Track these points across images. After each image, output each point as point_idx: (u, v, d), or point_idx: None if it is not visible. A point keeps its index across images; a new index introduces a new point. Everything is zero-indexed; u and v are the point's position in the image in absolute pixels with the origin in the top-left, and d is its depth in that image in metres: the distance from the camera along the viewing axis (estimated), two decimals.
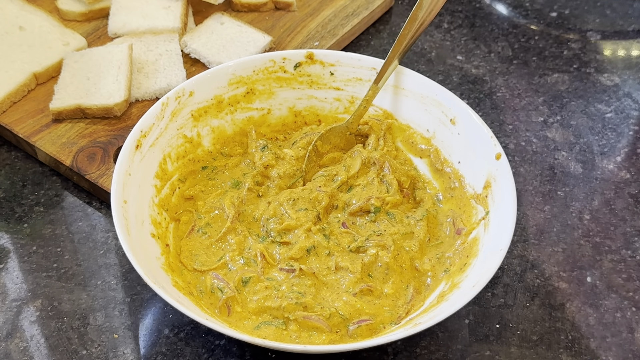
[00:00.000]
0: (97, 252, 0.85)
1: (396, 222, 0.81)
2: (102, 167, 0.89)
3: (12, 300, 0.80)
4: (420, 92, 0.88)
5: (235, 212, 0.82)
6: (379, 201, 0.82)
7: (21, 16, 1.06)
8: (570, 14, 1.21)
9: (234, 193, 0.84)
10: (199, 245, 0.80)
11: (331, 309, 0.73)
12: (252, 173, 0.85)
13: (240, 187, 0.85)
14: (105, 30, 1.08)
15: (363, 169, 0.86)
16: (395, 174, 0.85)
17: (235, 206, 0.82)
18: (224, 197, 0.83)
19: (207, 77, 0.87)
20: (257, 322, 0.74)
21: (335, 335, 0.73)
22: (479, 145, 0.82)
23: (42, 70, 0.99)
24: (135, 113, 0.97)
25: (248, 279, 0.76)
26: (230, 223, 0.81)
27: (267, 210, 0.82)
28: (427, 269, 0.79)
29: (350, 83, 0.91)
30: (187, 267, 0.78)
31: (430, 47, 1.14)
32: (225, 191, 0.85)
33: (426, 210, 0.84)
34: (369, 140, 0.89)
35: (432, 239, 0.82)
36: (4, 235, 0.86)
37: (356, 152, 0.87)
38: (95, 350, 0.76)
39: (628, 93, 1.07)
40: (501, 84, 1.08)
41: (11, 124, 0.94)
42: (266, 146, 0.87)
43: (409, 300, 0.76)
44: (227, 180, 0.86)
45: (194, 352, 0.76)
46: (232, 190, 0.85)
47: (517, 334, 0.79)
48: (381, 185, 0.84)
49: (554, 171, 0.96)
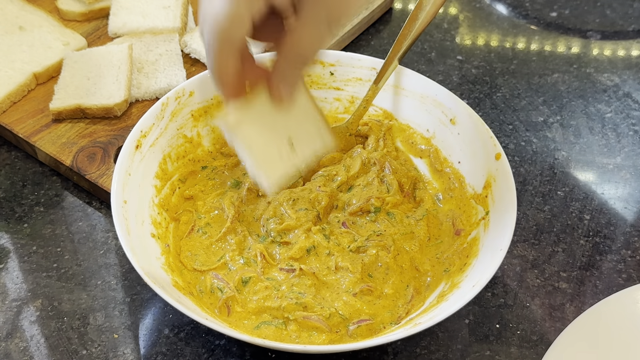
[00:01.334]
0: (97, 252, 0.85)
1: (396, 222, 0.81)
2: (102, 167, 0.89)
3: (12, 300, 0.80)
4: (420, 92, 0.88)
5: (235, 212, 0.82)
6: (379, 201, 0.82)
7: (21, 16, 1.06)
8: (570, 14, 1.21)
9: (234, 193, 0.84)
10: (199, 245, 0.80)
11: (331, 309, 0.73)
12: None
13: (240, 187, 0.85)
14: (105, 30, 1.08)
15: (363, 169, 0.86)
16: (396, 175, 0.85)
17: (235, 206, 0.82)
18: (223, 197, 0.83)
19: (207, 77, 0.87)
20: (257, 322, 0.74)
21: (335, 335, 0.73)
22: (479, 145, 0.82)
23: (42, 70, 0.99)
24: (135, 113, 0.97)
25: (248, 279, 0.76)
26: (230, 223, 0.81)
27: (267, 210, 0.82)
28: (427, 269, 0.79)
29: (350, 83, 0.91)
30: (187, 267, 0.78)
31: (430, 47, 1.14)
32: (225, 191, 0.85)
33: (426, 210, 0.84)
34: (369, 141, 0.89)
35: (432, 239, 0.82)
36: (4, 235, 0.86)
37: (356, 153, 0.87)
38: (95, 350, 0.76)
39: (628, 93, 1.07)
40: (501, 84, 1.08)
41: (11, 124, 0.94)
42: None
43: (409, 300, 0.76)
44: (227, 180, 0.86)
45: (194, 352, 0.76)
46: (232, 191, 0.84)
47: (517, 334, 0.79)
48: (381, 185, 0.84)
49: (554, 171, 0.96)
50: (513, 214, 0.74)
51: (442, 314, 0.67)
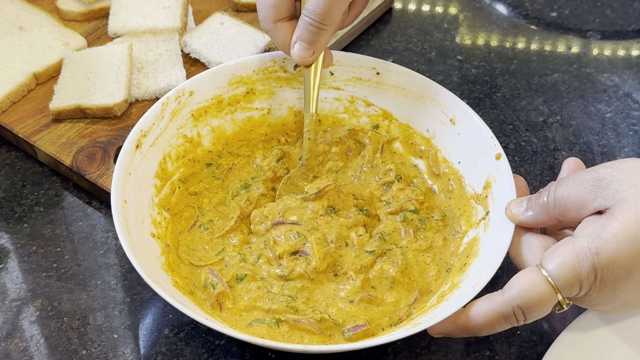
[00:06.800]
0: (97, 252, 0.85)
1: (421, 234, 0.81)
2: (102, 167, 0.89)
3: (12, 300, 0.80)
4: (420, 92, 0.88)
5: (241, 212, 0.81)
6: (417, 202, 0.83)
7: (21, 16, 1.06)
8: (570, 14, 1.21)
9: (243, 196, 0.83)
10: (199, 241, 0.80)
11: (323, 313, 0.73)
12: (262, 178, 0.85)
13: (249, 190, 0.84)
14: (105, 30, 1.08)
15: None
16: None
17: (242, 208, 0.82)
18: (231, 200, 0.83)
19: (207, 77, 0.87)
20: (248, 319, 0.73)
21: (328, 339, 0.72)
22: (479, 145, 0.82)
23: (42, 70, 0.99)
24: (135, 113, 0.97)
25: (243, 276, 0.76)
26: (233, 223, 0.80)
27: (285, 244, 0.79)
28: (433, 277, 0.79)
29: (350, 83, 0.91)
30: (184, 261, 0.78)
31: (430, 47, 1.14)
32: (233, 195, 0.84)
33: (442, 211, 0.84)
34: (365, 152, 0.89)
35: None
36: (4, 235, 0.86)
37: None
38: (95, 350, 0.76)
39: (628, 93, 1.07)
40: (501, 84, 1.08)
41: (11, 124, 0.94)
42: (281, 159, 0.87)
43: (412, 302, 0.76)
44: (232, 182, 0.86)
45: (194, 352, 0.76)
46: (241, 194, 0.84)
47: (517, 334, 0.79)
48: (413, 188, 0.85)
49: (554, 171, 0.96)
50: None
51: (442, 314, 0.67)
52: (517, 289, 0.65)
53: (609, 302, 0.66)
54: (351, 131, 0.91)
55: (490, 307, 0.66)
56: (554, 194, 0.68)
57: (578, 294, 0.65)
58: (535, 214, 0.70)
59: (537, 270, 0.65)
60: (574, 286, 0.64)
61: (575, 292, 0.65)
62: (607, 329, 0.74)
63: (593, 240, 0.63)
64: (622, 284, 0.64)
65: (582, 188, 0.67)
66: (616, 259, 0.63)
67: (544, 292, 0.64)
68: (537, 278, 0.65)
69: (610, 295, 0.65)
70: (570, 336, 0.73)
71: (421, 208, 0.83)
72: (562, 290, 0.64)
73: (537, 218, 0.70)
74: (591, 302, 0.66)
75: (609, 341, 0.74)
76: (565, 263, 0.64)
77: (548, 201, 0.69)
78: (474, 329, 0.68)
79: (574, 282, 0.64)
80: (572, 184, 0.68)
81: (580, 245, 0.64)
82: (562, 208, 0.68)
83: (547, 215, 0.70)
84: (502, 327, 0.67)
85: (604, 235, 0.63)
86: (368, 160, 0.88)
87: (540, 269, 0.65)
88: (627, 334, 0.74)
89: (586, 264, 0.63)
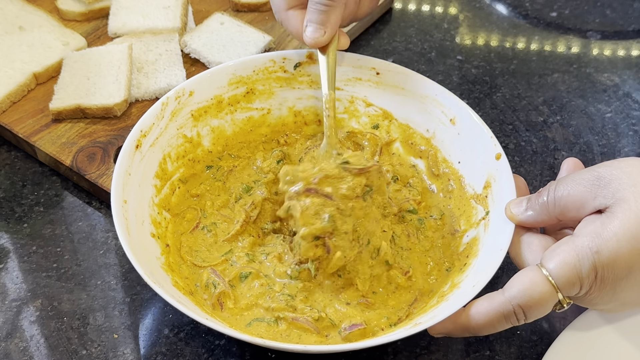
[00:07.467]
0: (97, 252, 0.85)
1: (421, 234, 0.81)
2: (102, 167, 0.89)
3: (12, 300, 0.80)
4: (420, 92, 0.88)
5: (247, 216, 0.81)
6: (415, 203, 0.83)
7: (21, 16, 1.06)
8: (570, 14, 1.21)
9: (247, 200, 0.83)
10: (202, 242, 0.80)
11: (321, 312, 0.73)
12: (264, 181, 0.85)
13: (252, 192, 0.84)
14: (105, 30, 1.08)
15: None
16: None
17: (247, 212, 0.82)
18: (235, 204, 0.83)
19: (207, 77, 0.87)
20: (249, 318, 0.73)
21: (324, 339, 0.72)
22: (479, 145, 0.82)
23: (42, 70, 0.99)
24: (135, 113, 0.97)
25: (248, 274, 0.76)
26: (239, 227, 0.80)
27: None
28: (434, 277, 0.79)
29: (350, 83, 0.91)
30: (186, 262, 0.78)
31: (430, 47, 1.14)
32: (237, 198, 0.84)
33: (440, 210, 0.84)
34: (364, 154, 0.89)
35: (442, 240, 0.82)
36: (4, 235, 0.86)
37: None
38: (95, 350, 0.76)
39: (628, 93, 1.07)
40: (501, 84, 1.08)
41: (11, 124, 0.94)
42: (281, 160, 0.87)
43: (412, 302, 0.76)
44: (237, 185, 0.86)
45: (193, 352, 0.76)
46: (244, 197, 0.84)
47: (517, 334, 0.79)
48: (410, 189, 0.85)
49: (554, 171, 0.96)
50: None
51: (442, 314, 0.67)
52: (518, 288, 0.65)
53: (609, 301, 0.66)
54: (350, 133, 0.91)
55: (490, 306, 0.66)
56: (554, 194, 0.68)
57: (578, 293, 0.65)
58: (535, 214, 0.70)
59: (537, 270, 0.65)
60: (574, 285, 0.64)
61: (575, 291, 0.65)
62: (607, 328, 0.74)
63: (593, 239, 0.63)
64: (623, 282, 0.64)
65: (581, 187, 0.67)
66: (616, 257, 0.63)
67: (545, 291, 0.64)
68: (537, 277, 0.65)
69: (610, 294, 0.65)
70: (571, 336, 0.73)
71: (419, 208, 0.84)
72: (562, 290, 0.64)
73: (537, 217, 0.70)
74: (591, 301, 0.66)
75: (609, 340, 0.74)
76: (565, 262, 0.64)
77: (548, 200, 0.69)
78: (474, 329, 0.68)
79: (575, 281, 0.64)
80: (572, 183, 0.68)
81: (580, 244, 0.64)
82: (562, 207, 0.68)
83: (547, 215, 0.69)
84: (502, 327, 0.67)
85: (605, 234, 0.63)
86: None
87: (541, 268, 0.65)
88: (628, 333, 0.74)
89: (586, 263, 0.63)
